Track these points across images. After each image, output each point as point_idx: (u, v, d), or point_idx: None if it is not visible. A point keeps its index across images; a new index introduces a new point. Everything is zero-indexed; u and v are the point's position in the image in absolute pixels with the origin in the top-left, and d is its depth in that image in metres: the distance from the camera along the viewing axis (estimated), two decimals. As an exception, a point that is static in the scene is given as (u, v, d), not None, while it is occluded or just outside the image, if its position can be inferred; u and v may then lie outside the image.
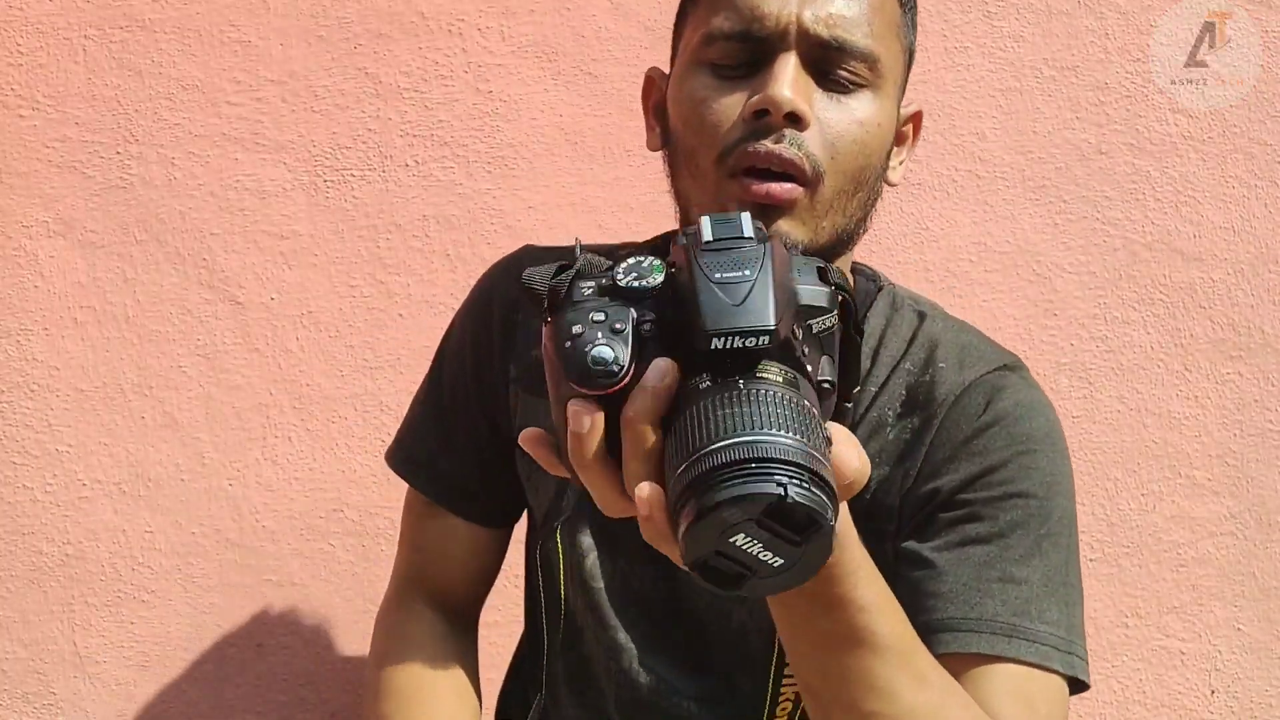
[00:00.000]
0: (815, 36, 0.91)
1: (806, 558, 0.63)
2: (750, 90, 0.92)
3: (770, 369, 0.67)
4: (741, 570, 0.63)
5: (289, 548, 1.83)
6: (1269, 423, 1.91)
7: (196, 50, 1.79)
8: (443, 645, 1.14)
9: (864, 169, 0.94)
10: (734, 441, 0.62)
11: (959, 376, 0.99)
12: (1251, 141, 1.88)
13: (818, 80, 0.92)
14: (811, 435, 0.64)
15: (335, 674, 1.86)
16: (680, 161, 0.97)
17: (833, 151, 0.91)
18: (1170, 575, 1.91)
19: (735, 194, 0.91)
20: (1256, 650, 1.93)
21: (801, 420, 0.64)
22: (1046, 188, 1.87)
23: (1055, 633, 0.92)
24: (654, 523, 0.65)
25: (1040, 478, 0.95)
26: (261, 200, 1.80)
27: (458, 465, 1.12)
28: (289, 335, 1.81)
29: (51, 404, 1.81)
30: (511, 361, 1.09)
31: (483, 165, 1.81)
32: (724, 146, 0.92)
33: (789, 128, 0.90)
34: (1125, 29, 1.86)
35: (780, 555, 0.62)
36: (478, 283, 1.17)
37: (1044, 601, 0.92)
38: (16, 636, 1.83)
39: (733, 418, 0.63)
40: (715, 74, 0.94)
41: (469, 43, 1.81)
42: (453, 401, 1.13)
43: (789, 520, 0.61)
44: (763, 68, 0.92)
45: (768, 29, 0.92)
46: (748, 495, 0.61)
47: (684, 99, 0.96)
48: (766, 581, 0.64)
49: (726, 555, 0.62)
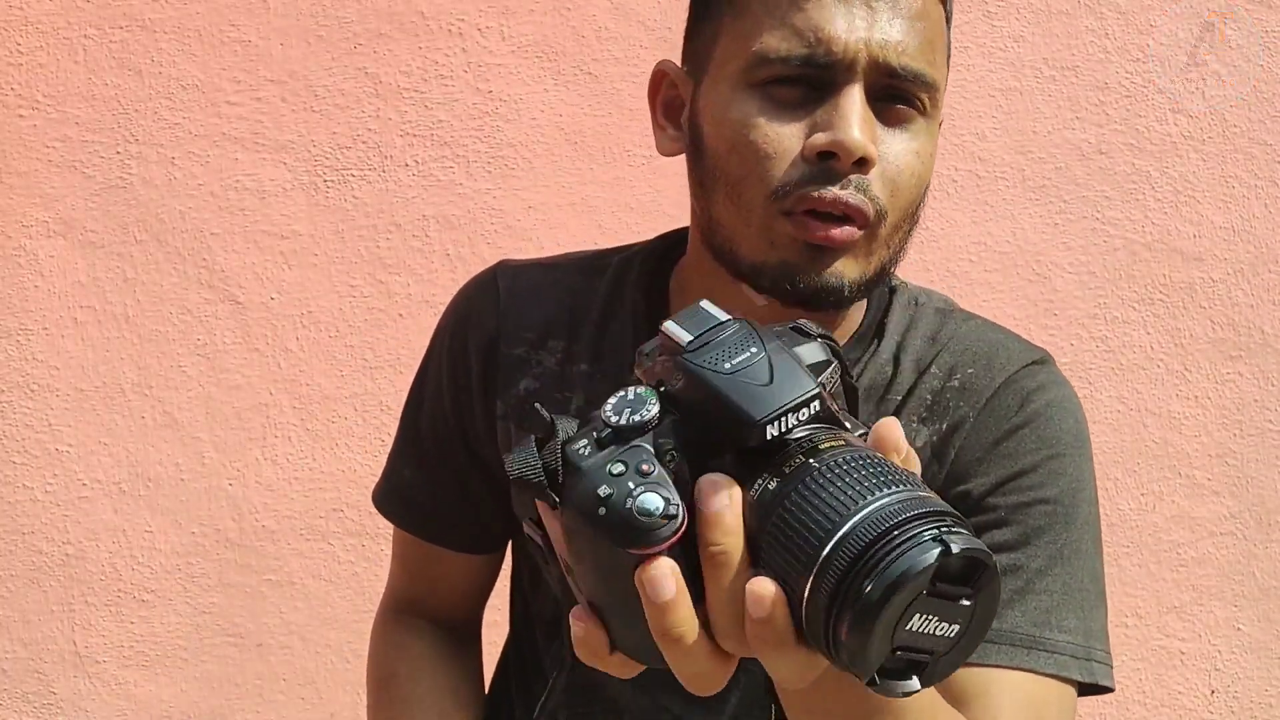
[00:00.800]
0: (885, 65, 0.84)
1: (980, 610, 0.55)
2: (811, 123, 0.85)
3: (821, 439, 0.59)
4: (919, 657, 0.55)
5: (289, 547, 1.83)
6: (1269, 423, 1.91)
7: (196, 50, 1.79)
8: (445, 660, 1.12)
9: (914, 201, 0.89)
10: (856, 521, 0.54)
11: (989, 378, 0.96)
12: (1251, 141, 1.88)
13: (880, 111, 0.86)
14: (909, 481, 0.57)
15: (335, 674, 1.86)
16: (718, 185, 0.90)
17: (894, 189, 0.86)
18: (1170, 575, 1.91)
19: (788, 232, 0.85)
20: (1256, 650, 1.93)
21: (889, 471, 0.57)
22: (1046, 187, 1.87)
23: (1073, 641, 0.91)
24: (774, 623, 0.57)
25: (1066, 483, 0.94)
26: (261, 200, 1.80)
27: (444, 504, 1.08)
28: (289, 335, 1.81)
29: (51, 404, 1.81)
30: (497, 398, 1.02)
31: (483, 165, 1.81)
32: (781, 185, 0.85)
33: (855, 172, 0.84)
34: (1125, 29, 1.86)
35: (956, 620, 0.55)
36: (449, 313, 1.07)
37: (1063, 610, 0.92)
38: (16, 636, 1.83)
39: (833, 500, 0.55)
40: (768, 98, 0.86)
41: (469, 42, 1.81)
42: (434, 444, 1.08)
43: (957, 574, 0.54)
44: (825, 97, 0.85)
45: (835, 56, 0.84)
46: (914, 567, 0.52)
47: (730, 124, 0.88)
48: (945, 659, 0.56)
49: (905, 647, 0.54)
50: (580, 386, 0.99)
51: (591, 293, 1.01)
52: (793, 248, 0.86)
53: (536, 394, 1.01)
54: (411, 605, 1.15)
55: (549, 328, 1.01)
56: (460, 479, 1.06)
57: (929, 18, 0.87)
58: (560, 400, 1.00)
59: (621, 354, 0.99)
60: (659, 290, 1.00)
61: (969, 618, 0.55)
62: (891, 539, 0.53)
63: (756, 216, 0.87)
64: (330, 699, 1.87)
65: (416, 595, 1.15)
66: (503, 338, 1.02)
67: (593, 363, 1.00)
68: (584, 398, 0.99)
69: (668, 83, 0.97)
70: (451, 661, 1.13)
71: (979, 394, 0.96)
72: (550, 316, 1.01)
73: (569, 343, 1.00)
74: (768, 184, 0.86)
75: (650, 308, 0.99)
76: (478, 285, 1.06)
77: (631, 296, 1.00)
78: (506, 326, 1.02)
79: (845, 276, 0.87)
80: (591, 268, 1.03)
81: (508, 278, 1.04)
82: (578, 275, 1.03)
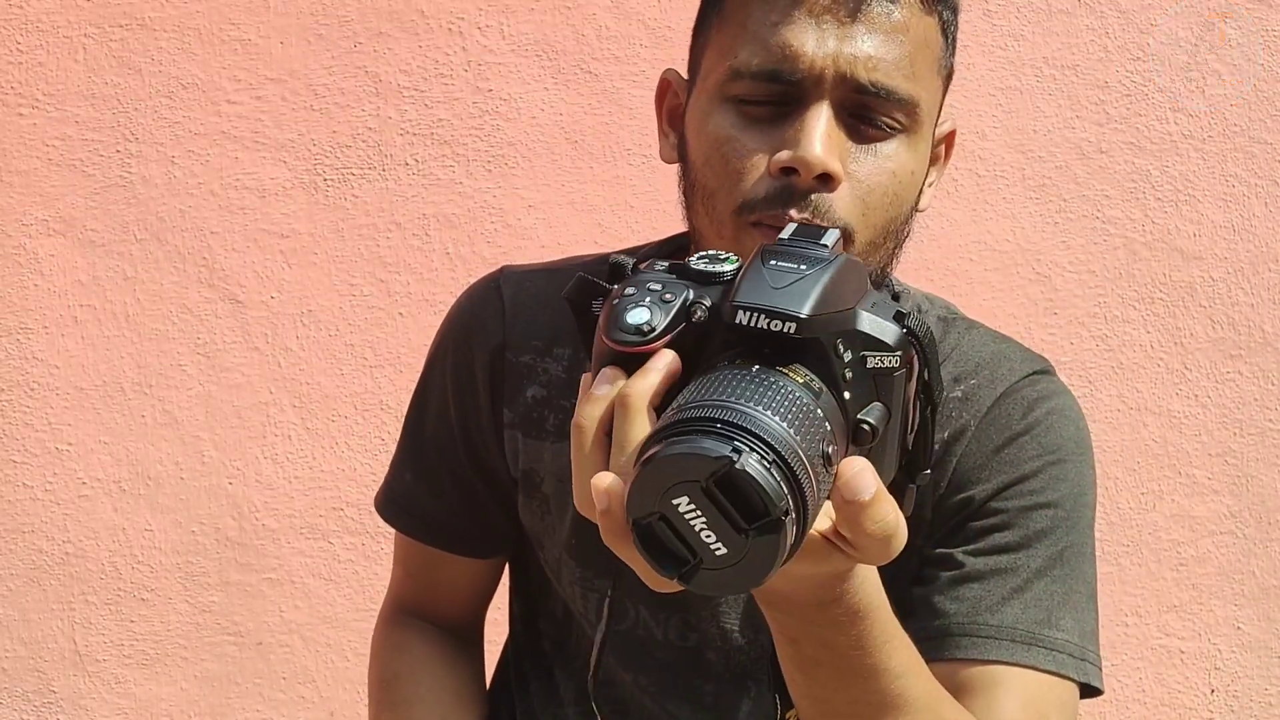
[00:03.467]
0: (853, 80, 0.84)
1: (751, 556, 0.57)
2: (778, 138, 0.85)
3: (797, 371, 0.62)
4: (684, 549, 0.58)
5: (289, 546, 1.83)
6: (1269, 422, 1.91)
7: (196, 49, 1.79)
8: (447, 662, 1.12)
9: (894, 219, 0.88)
10: (711, 403, 0.58)
11: (990, 388, 0.97)
12: (1251, 140, 1.88)
13: (851, 129, 0.85)
14: (806, 436, 0.59)
15: (335, 672, 1.86)
16: (697, 196, 0.91)
17: (863, 208, 0.85)
18: (1170, 574, 1.91)
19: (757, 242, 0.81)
20: (1256, 649, 1.93)
21: (802, 419, 0.59)
22: (1046, 186, 1.87)
23: (1071, 640, 0.92)
24: (611, 517, 0.61)
25: (1068, 488, 0.95)
26: (261, 199, 1.80)
27: (447, 510, 1.08)
28: (289, 334, 1.81)
29: (51, 402, 1.81)
30: (505, 406, 1.02)
31: (482, 164, 1.81)
32: (747, 200, 0.85)
33: (819, 189, 0.84)
34: (1125, 28, 1.86)
35: (724, 542, 0.57)
36: (452, 322, 1.07)
37: (1062, 610, 0.92)
38: (16, 635, 1.83)
39: (727, 390, 0.59)
40: (740, 113, 0.87)
41: (469, 41, 1.81)
42: (438, 451, 1.07)
43: (738, 497, 0.56)
44: (793, 113, 0.85)
45: (800, 71, 0.84)
46: (697, 452, 0.56)
47: (705, 136, 0.88)
48: (706, 575, 0.58)
49: (669, 521, 0.58)
50: None
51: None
52: None
53: (544, 401, 1.01)
54: (413, 610, 1.15)
55: (555, 334, 1.01)
56: (464, 485, 1.06)
57: (910, 32, 0.86)
58: (568, 407, 1.00)
59: None
60: None
61: (739, 552, 0.57)
62: (712, 427, 0.57)
63: (728, 229, 0.87)
64: (330, 697, 1.87)
65: (418, 600, 1.15)
66: (509, 346, 1.02)
67: None
68: None
69: (671, 91, 0.98)
70: (453, 663, 1.13)
71: (980, 403, 0.96)
72: (556, 323, 1.01)
73: (575, 349, 1.00)
74: (735, 198, 0.86)
75: None
76: (481, 294, 1.06)
77: None
78: (513, 335, 1.02)
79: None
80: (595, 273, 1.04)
81: (511, 285, 1.04)
82: None
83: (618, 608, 1.02)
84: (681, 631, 1.02)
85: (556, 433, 1.01)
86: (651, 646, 1.02)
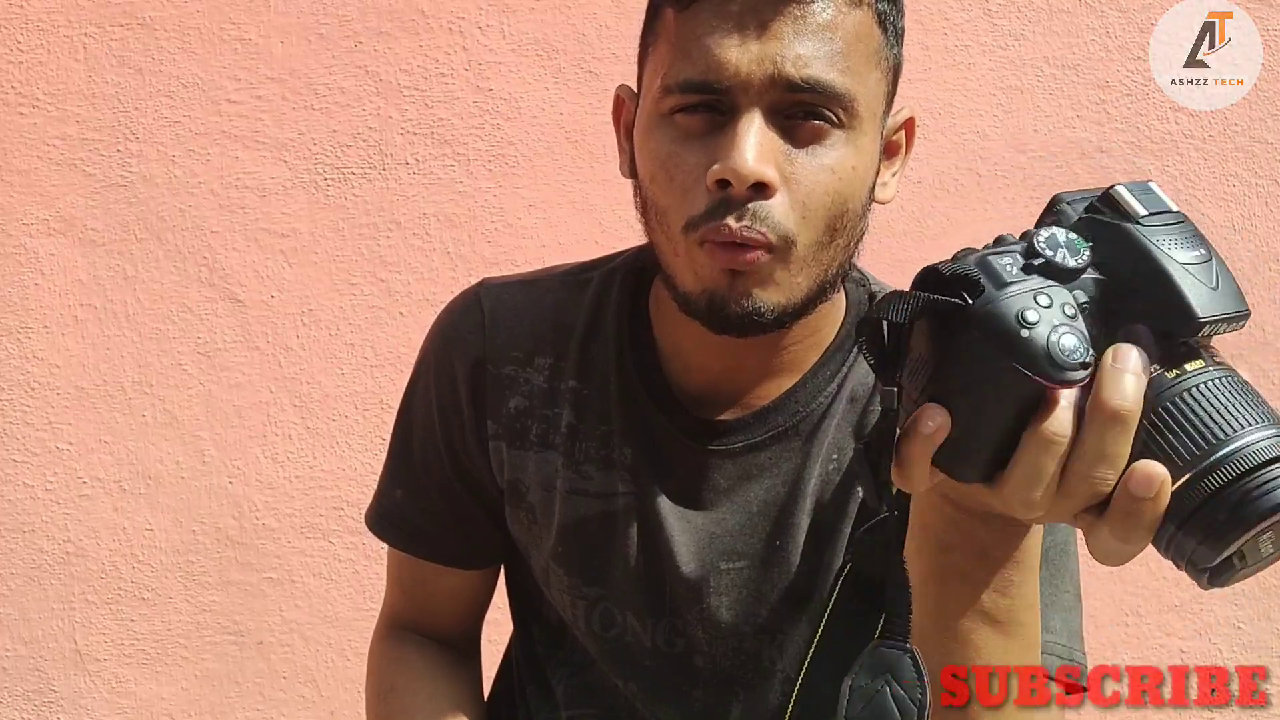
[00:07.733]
0: (783, 79, 0.83)
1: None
2: (713, 151, 0.84)
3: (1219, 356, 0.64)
4: (1236, 564, 0.61)
5: (289, 545, 1.83)
6: (1269, 421, 1.91)
7: (197, 48, 1.79)
8: (445, 673, 1.12)
9: (840, 216, 0.87)
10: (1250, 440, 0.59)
11: None
12: (1252, 140, 1.88)
13: (786, 132, 0.85)
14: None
15: (335, 671, 1.87)
16: (650, 213, 0.91)
17: (804, 211, 0.85)
18: (1170, 574, 1.91)
19: (704, 261, 0.85)
20: (1256, 649, 1.93)
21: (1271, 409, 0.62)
22: (1047, 186, 1.87)
23: (1059, 641, 0.93)
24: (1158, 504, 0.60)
25: None
26: (262, 198, 1.80)
27: (437, 523, 1.08)
28: (289, 333, 1.82)
29: (52, 402, 1.81)
30: (488, 418, 1.02)
31: (483, 163, 1.82)
32: (689, 218, 0.85)
33: (754, 199, 0.83)
34: (1126, 27, 1.86)
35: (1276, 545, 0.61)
36: (434, 337, 1.07)
37: (1050, 610, 0.93)
38: (17, 634, 1.83)
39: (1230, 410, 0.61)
40: (677, 128, 0.86)
41: (469, 40, 1.81)
42: (425, 465, 1.08)
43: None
44: (726, 123, 0.84)
45: (727, 79, 0.83)
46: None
47: (648, 153, 0.89)
48: (1251, 569, 0.61)
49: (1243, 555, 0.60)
50: (569, 402, 1.00)
51: (575, 308, 1.02)
52: (714, 276, 0.86)
53: (527, 411, 1.01)
54: (409, 624, 1.15)
55: (536, 345, 1.01)
56: (453, 499, 1.07)
57: (841, 28, 0.85)
58: (550, 416, 1.00)
59: (606, 371, 0.99)
60: (640, 305, 1.01)
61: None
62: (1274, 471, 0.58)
63: (680, 246, 0.87)
64: (331, 696, 1.87)
65: (414, 614, 1.15)
66: (489, 358, 1.02)
67: (580, 379, 1.00)
68: (573, 413, 0.99)
69: (626, 107, 0.98)
70: (451, 675, 1.13)
71: None
72: (536, 334, 1.01)
73: (556, 359, 1.01)
74: (682, 215, 0.86)
75: (633, 323, 1.00)
76: (461, 308, 1.06)
77: (614, 313, 1.00)
78: (493, 347, 1.02)
79: (764, 302, 0.86)
80: (575, 282, 1.03)
81: (491, 298, 1.04)
82: (561, 290, 1.03)
83: (606, 615, 1.02)
84: (669, 637, 1.02)
85: (540, 442, 1.01)
86: (640, 653, 1.02)
